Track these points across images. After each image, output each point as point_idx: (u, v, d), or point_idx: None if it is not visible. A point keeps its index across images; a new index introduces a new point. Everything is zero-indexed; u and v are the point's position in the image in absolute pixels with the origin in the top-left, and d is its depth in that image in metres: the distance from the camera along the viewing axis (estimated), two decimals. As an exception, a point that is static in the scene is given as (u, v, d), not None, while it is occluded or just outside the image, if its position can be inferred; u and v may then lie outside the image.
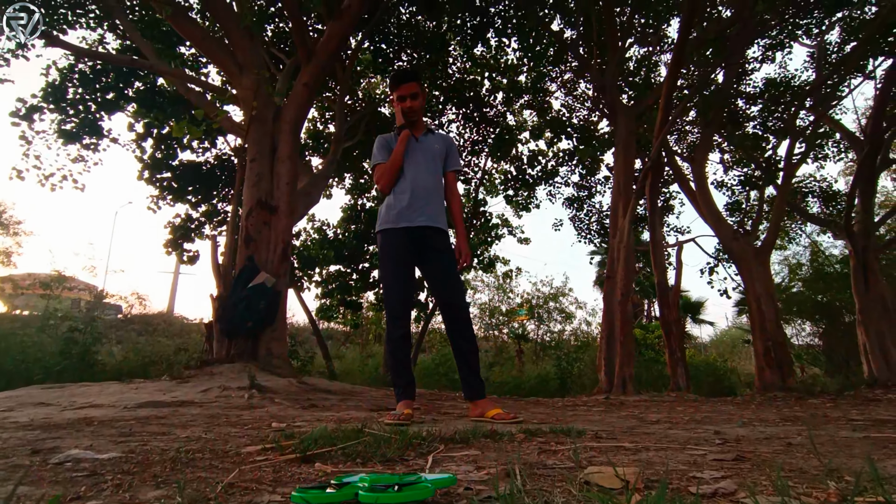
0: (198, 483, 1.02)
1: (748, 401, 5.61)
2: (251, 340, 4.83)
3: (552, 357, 12.78)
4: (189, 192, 8.98)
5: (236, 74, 5.49)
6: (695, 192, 8.63)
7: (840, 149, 10.94)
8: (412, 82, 2.67)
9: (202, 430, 2.07)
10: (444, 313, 2.62)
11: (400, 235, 2.60)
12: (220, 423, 2.39)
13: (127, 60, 6.54)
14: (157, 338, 10.48)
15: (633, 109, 7.87)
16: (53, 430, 2.01)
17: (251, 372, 3.99)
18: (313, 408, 3.27)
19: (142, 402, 3.15)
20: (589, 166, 11.36)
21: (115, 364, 6.57)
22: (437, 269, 2.61)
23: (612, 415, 3.29)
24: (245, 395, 3.54)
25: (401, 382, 2.56)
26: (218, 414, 2.81)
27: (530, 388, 9.89)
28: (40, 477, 1.08)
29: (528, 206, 11.98)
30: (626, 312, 6.37)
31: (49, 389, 3.69)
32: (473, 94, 10.16)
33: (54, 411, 2.86)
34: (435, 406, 3.57)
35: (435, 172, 2.71)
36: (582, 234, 11.97)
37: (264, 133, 5.35)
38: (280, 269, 5.16)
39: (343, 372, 9.84)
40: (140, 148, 8.40)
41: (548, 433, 1.90)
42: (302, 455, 1.28)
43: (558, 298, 19.10)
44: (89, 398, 3.35)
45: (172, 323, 16.63)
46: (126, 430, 2.05)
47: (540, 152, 11.49)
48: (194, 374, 4.27)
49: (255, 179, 5.23)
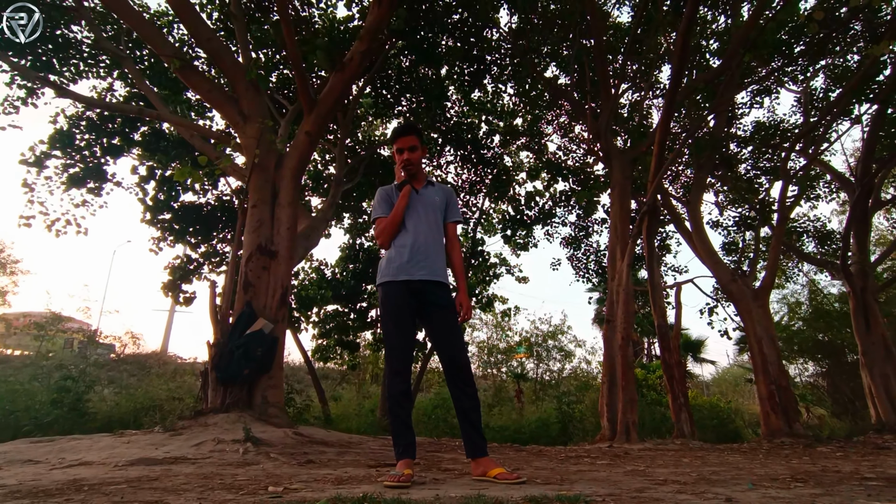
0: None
1: (755, 449, 5.48)
2: (247, 388, 4.74)
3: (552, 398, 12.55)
4: (189, 233, 9.03)
5: (240, 123, 5.62)
6: (691, 233, 8.71)
7: (831, 189, 11.15)
8: (411, 135, 2.73)
9: (196, 497, 2.00)
10: (446, 369, 2.59)
11: (400, 289, 2.59)
12: (215, 485, 2.31)
13: (135, 110, 6.70)
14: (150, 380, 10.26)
15: (628, 154, 8.05)
16: (42, 499, 1.94)
17: (246, 425, 3.90)
18: (310, 464, 3.18)
19: (133, 459, 3.06)
20: (586, 207, 11.51)
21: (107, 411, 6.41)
22: (439, 325, 2.59)
23: (618, 469, 3.20)
24: (240, 450, 3.44)
25: (401, 442, 2.50)
26: (212, 473, 2.73)
27: (531, 432, 9.65)
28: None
29: (525, 246, 12.06)
30: (627, 357, 6.30)
31: (38, 444, 3.59)
32: (471, 136, 10.40)
33: (43, 470, 2.77)
34: (435, 461, 3.47)
35: (435, 225, 2.72)
36: (580, 273, 11.99)
37: (266, 180, 5.43)
38: (278, 314, 5.13)
39: (339, 416, 9.62)
40: (143, 190, 8.51)
41: (553, 501, 1.84)
42: (302, 539, 1.23)
43: (557, 336, 18.92)
44: (79, 454, 3.25)
45: (166, 363, 16.35)
46: (118, 499, 1.98)
47: (537, 193, 11.67)
48: (188, 424, 4.16)
49: (256, 225, 5.27)
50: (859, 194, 8.59)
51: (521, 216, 11.69)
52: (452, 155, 10.92)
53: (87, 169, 7.67)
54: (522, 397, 14.50)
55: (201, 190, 9.16)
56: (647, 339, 19.52)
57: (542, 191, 11.63)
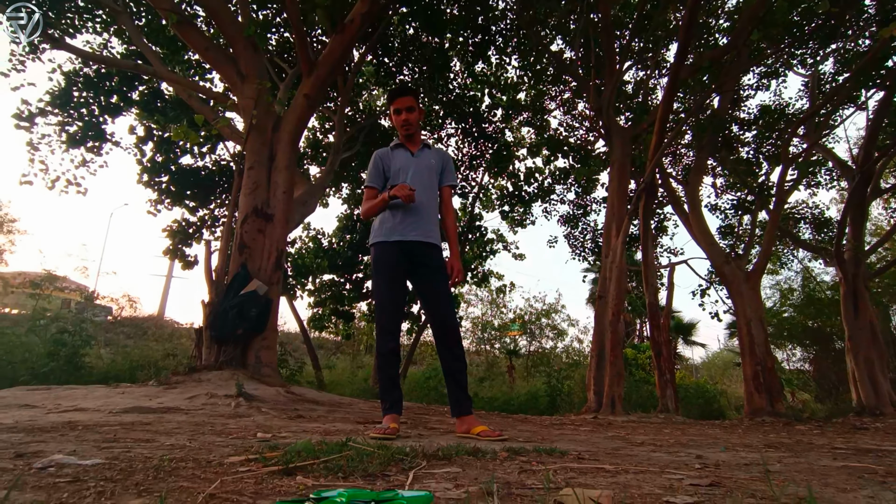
0: (179, 493, 1.04)
1: (736, 425, 5.62)
2: (241, 347, 4.82)
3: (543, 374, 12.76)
4: (187, 197, 9.00)
5: (238, 83, 5.55)
6: (688, 215, 8.73)
7: (832, 176, 11.12)
8: (408, 96, 2.73)
9: (186, 439, 2.07)
10: (435, 329, 2.64)
11: (393, 249, 2.62)
12: (205, 431, 2.39)
13: (131, 65, 6.59)
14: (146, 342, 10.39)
15: (629, 131, 7.99)
16: (38, 434, 2.00)
17: (239, 380, 3.98)
18: (300, 418, 3.26)
19: (128, 407, 3.14)
20: (585, 185, 11.48)
21: (103, 367, 6.52)
22: (429, 286, 2.63)
23: (599, 435, 3.30)
24: (232, 404, 3.53)
25: (388, 398, 2.57)
26: (203, 422, 2.80)
27: (520, 404, 9.84)
28: (24, 482, 1.08)
29: (523, 223, 12.07)
30: (617, 332, 6.40)
31: (34, 391, 3.67)
32: (473, 110, 10.28)
33: (39, 414, 2.85)
34: (422, 421, 3.57)
35: (430, 187, 2.74)
36: (576, 252, 12.04)
37: (263, 142, 5.39)
38: (273, 277, 5.17)
39: (332, 382, 9.79)
40: (140, 151, 8.44)
41: (531, 452, 1.91)
42: (284, 467, 1.29)
43: (551, 315, 19.12)
44: (75, 401, 3.33)
45: (163, 327, 16.50)
46: (110, 437, 2.04)
47: (537, 169, 11.61)
48: (182, 380, 4.25)
49: (252, 187, 5.26)
50: (859, 180, 8.59)
51: (519, 192, 11.67)
52: (453, 128, 10.83)
53: (85, 128, 7.58)
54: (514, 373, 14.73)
55: (199, 154, 9.09)
56: (639, 321, 19.72)
57: (542, 167, 11.58)
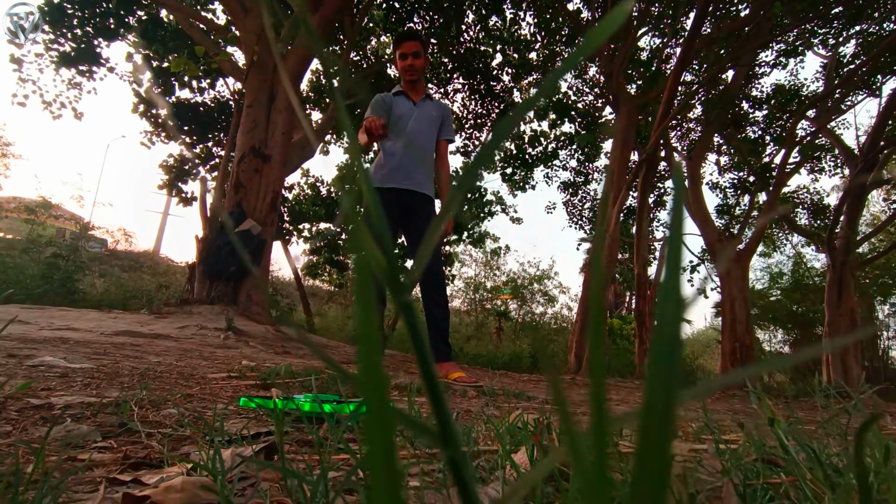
0: (160, 392, 1.11)
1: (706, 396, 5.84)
2: (232, 285, 4.90)
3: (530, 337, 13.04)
4: (184, 132, 8.87)
5: (241, 16, 5.38)
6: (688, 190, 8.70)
7: (836, 164, 11.04)
8: (415, 41, 2.69)
9: (174, 359, 2.16)
10: (421, 277, 2.70)
11: (386, 196, 2.64)
12: (193, 356, 2.48)
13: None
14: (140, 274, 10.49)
15: (637, 99, 7.85)
16: (30, 343, 2.08)
17: (229, 314, 4.08)
18: (286, 354, 3.38)
19: (119, 330, 3.23)
20: (588, 153, 11.37)
21: (96, 295, 6.62)
22: (418, 234, 2.67)
23: (573, 391, 3.44)
24: (221, 336, 3.63)
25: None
26: (192, 349, 2.91)
27: (503, 363, 10.11)
28: (15, 374, 1.15)
29: (524, 186, 12.01)
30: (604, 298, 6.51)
31: (28, 309, 3.75)
32: (483, 66, 10.01)
33: (32, 329, 2.93)
34: (404, 367, 3.70)
35: (429, 139, 2.74)
36: (573, 220, 12.06)
37: (263, 80, 5.29)
38: (268, 218, 5.20)
39: (323, 328, 9.99)
40: (137, 80, 8.24)
41: (500, 395, 2.02)
42: (262, 382, 1.37)
43: (543, 281, 19.32)
44: (67, 321, 3.42)
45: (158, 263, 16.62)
46: (100, 351, 2.13)
47: (542, 133, 11.45)
48: (173, 310, 4.35)
49: (251, 126, 5.20)
50: (861, 167, 8.54)
51: (522, 155, 11.55)
52: (461, 83, 10.57)
53: (78, 49, 7.35)
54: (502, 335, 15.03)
55: (198, 88, 8.88)
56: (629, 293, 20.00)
57: (547, 131, 11.42)
